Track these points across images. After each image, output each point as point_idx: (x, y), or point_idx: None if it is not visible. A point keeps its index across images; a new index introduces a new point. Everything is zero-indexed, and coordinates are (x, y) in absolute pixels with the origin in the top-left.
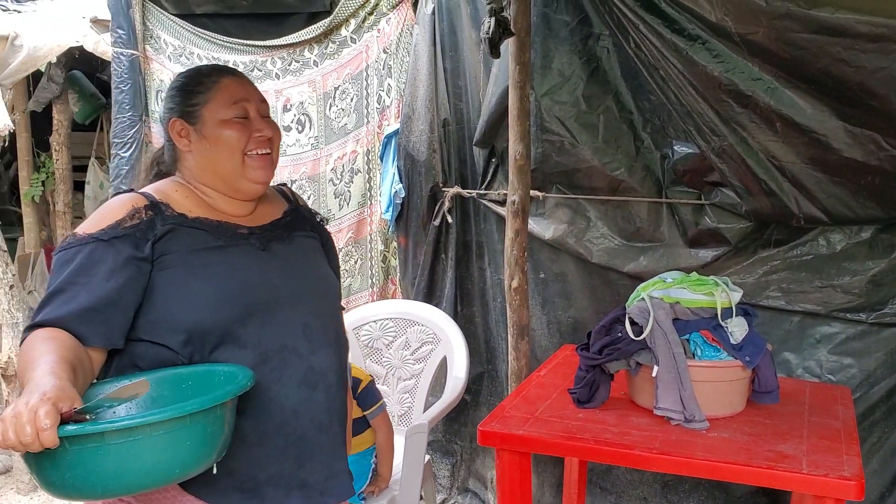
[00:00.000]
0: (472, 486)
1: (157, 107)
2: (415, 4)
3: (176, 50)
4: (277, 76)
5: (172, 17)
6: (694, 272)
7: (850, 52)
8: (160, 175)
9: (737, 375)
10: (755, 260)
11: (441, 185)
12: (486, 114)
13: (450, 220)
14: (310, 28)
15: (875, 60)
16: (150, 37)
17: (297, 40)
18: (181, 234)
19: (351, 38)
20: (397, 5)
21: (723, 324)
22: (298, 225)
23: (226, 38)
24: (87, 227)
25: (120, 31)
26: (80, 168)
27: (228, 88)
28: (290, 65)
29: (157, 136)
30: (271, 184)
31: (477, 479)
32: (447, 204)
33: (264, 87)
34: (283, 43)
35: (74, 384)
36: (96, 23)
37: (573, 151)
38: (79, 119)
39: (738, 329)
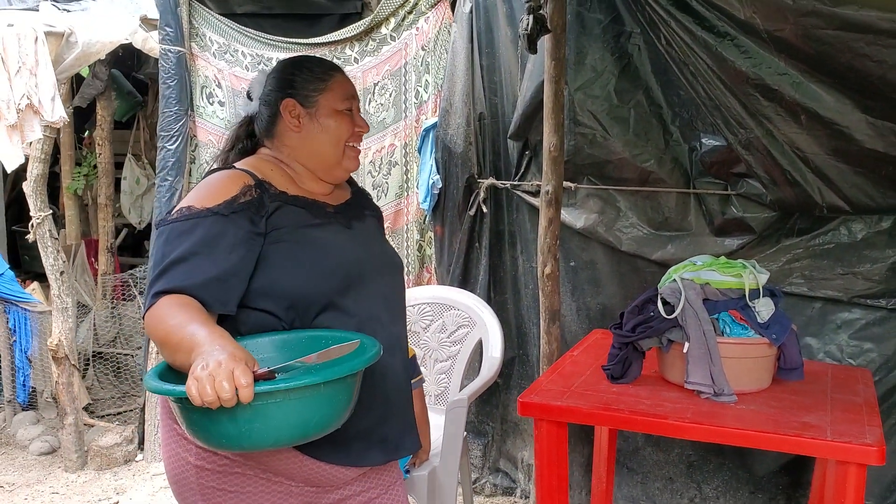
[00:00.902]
0: (503, 466)
1: (202, 102)
2: (453, 3)
3: (220, 47)
4: None
5: (217, 15)
6: (722, 256)
7: (872, 48)
8: (244, 151)
9: (763, 352)
10: (779, 248)
11: (476, 176)
12: (521, 107)
13: (484, 210)
14: (351, 27)
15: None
16: (196, 34)
17: (339, 38)
18: (287, 210)
19: (391, 35)
20: (436, 4)
21: (750, 304)
22: (364, 205)
23: (268, 36)
24: (202, 201)
25: (168, 29)
26: (116, 165)
27: (343, 85)
28: None
29: (202, 130)
30: None
31: (508, 459)
32: (482, 194)
33: None
34: (324, 41)
35: None
36: (145, 21)
37: (604, 144)
38: (116, 117)
39: (764, 309)
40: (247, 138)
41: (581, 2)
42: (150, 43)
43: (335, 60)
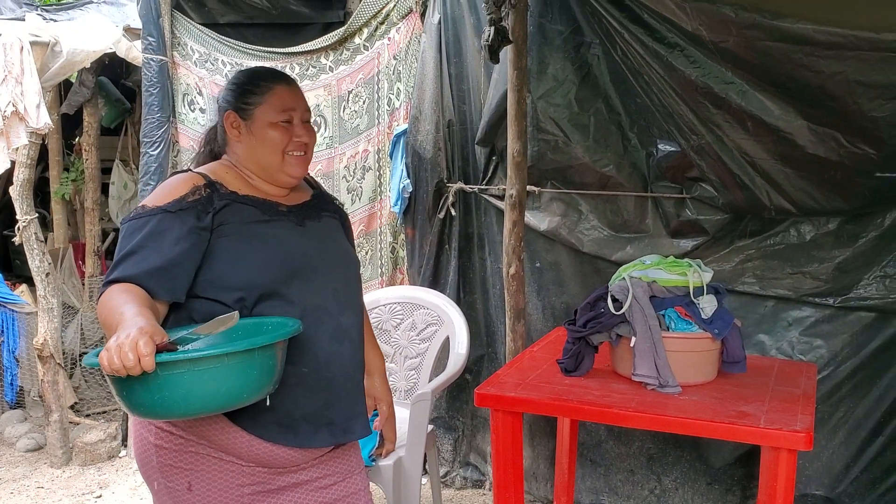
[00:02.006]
0: (472, 459)
1: (184, 109)
2: (422, 15)
3: (201, 56)
4: (295, 80)
5: (199, 26)
6: (671, 255)
7: (810, 59)
8: (213, 153)
9: (707, 346)
10: (732, 249)
11: (445, 180)
12: (487, 115)
13: (453, 213)
14: (326, 37)
15: (832, 66)
16: (178, 44)
17: (314, 48)
18: (235, 208)
19: (364, 45)
20: (406, 16)
21: (695, 301)
22: (323, 206)
23: (247, 46)
24: (154, 201)
25: (150, 39)
26: (104, 170)
27: (280, 96)
28: (307, 70)
29: (184, 136)
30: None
31: (477, 453)
32: (451, 198)
33: None
34: (300, 50)
35: None
36: (128, 31)
37: (566, 150)
38: (104, 123)
39: (708, 305)
40: (213, 144)
41: (542, 13)
42: (133, 52)
43: (311, 69)
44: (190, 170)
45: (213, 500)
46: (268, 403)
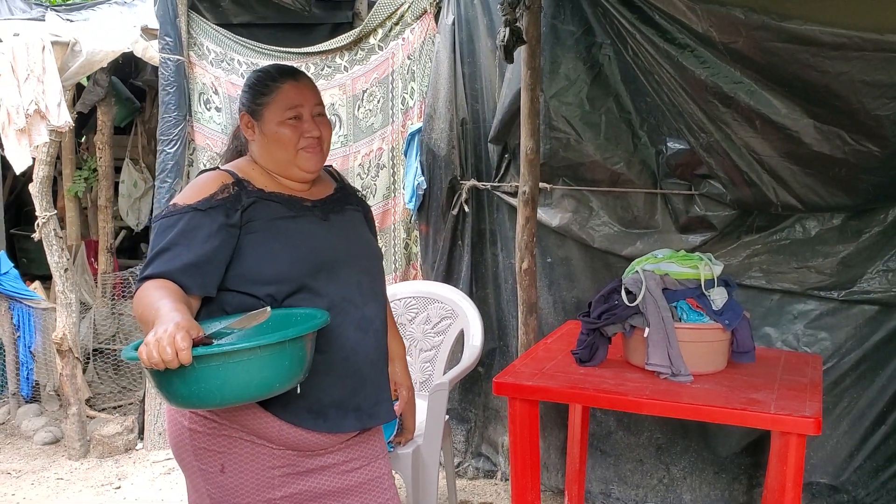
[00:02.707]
0: (484, 450)
1: (200, 107)
2: (436, 16)
3: (217, 56)
4: (305, 74)
5: (214, 26)
6: (682, 249)
7: (816, 59)
8: (238, 150)
9: (717, 337)
10: (739, 244)
11: (459, 178)
12: (500, 114)
13: (467, 209)
14: (341, 37)
15: (838, 66)
16: (194, 44)
17: (329, 48)
18: (262, 205)
19: (378, 45)
20: (420, 16)
21: (706, 293)
22: (347, 200)
23: (262, 46)
24: (185, 199)
25: (167, 39)
26: (115, 169)
27: (287, 94)
28: (322, 70)
29: (199, 134)
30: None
31: (489, 444)
32: (464, 195)
33: None
34: (316, 50)
35: None
36: (146, 31)
37: (578, 147)
38: (115, 122)
39: (718, 297)
40: (238, 141)
41: (555, 15)
42: (150, 52)
43: (326, 69)
44: (218, 168)
45: (244, 481)
46: (298, 391)
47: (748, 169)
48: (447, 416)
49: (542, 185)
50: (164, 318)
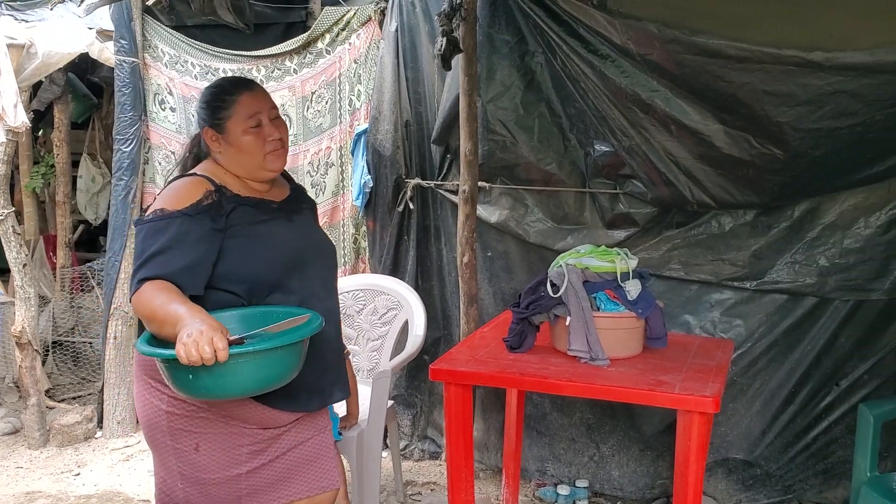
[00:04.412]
0: (430, 434)
1: (155, 108)
2: (381, 23)
3: (171, 58)
4: (262, 82)
5: (168, 29)
6: (603, 245)
7: (723, 70)
8: (197, 157)
9: (632, 324)
10: (660, 239)
11: (404, 176)
12: (441, 117)
13: (411, 206)
14: (290, 41)
15: (742, 77)
16: (149, 46)
17: (279, 51)
18: (241, 210)
19: (326, 49)
20: (366, 23)
21: (622, 285)
22: (301, 200)
23: (215, 48)
24: (172, 205)
25: (122, 42)
26: (72, 164)
27: (245, 104)
28: (272, 72)
29: (154, 134)
30: None
31: (434, 427)
32: (409, 193)
33: None
34: (266, 53)
35: None
36: (101, 33)
37: (513, 149)
38: (72, 118)
39: (633, 289)
40: (198, 149)
41: (491, 25)
42: (105, 53)
43: (276, 71)
44: (195, 174)
45: (217, 458)
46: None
47: (666, 170)
48: (392, 402)
49: (481, 183)
50: (191, 319)
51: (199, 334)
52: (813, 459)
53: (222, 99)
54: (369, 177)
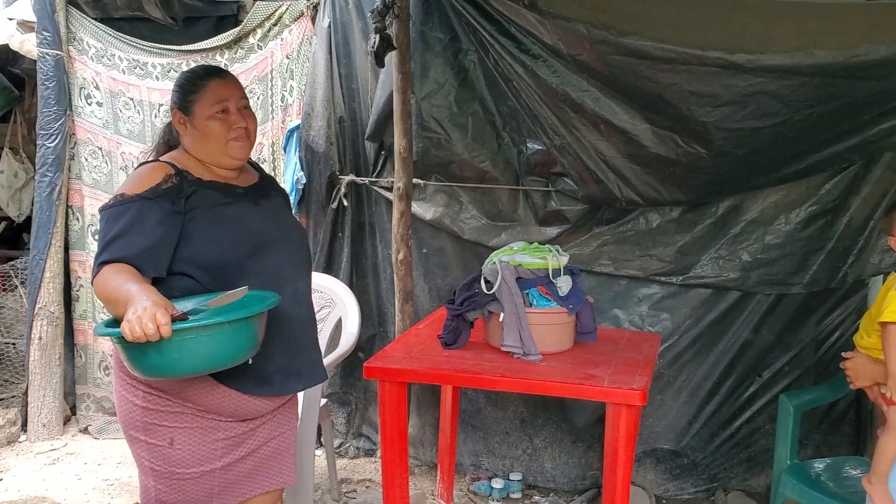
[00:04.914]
0: (365, 431)
1: (81, 102)
2: (313, 18)
3: (98, 51)
4: (230, 72)
5: (94, 22)
6: (536, 242)
7: (650, 71)
8: (168, 145)
9: (563, 320)
10: (591, 235)
11: (338, 173)
12: (375, 113)
13: (345, 203)
14: (221, 36)
15: (668, 78)
16: (74, 38)
17: (210, 46)
18: (202, 193)
19: (258, 45)
20: (298, 18)
21: (553, 281)
22: (270, 187)
23: (143, 42)
24: (132, 189)
25: (45, 34)
26: None
27: (213, 90)
28: None
29: (80, 129)
30: None
31: (369, 425)
32: (343, 189)
33: None
34: (196, 48)
35: None
36: (22, 24)
37: (448, 146)
38: None
39: (564, 285)
40: (169, 137)
41: (424, 22)
42: (27, 45)
43: None
44: (158, 160)
45: (192, 452)
46: (250, 362)
47: (596, 168)
48: (326, 400)
49: (415, 180)
50: (138, 298)
51: (142, 311)
52: (737, 448)
53: (193, 83)
54: (302, 173)
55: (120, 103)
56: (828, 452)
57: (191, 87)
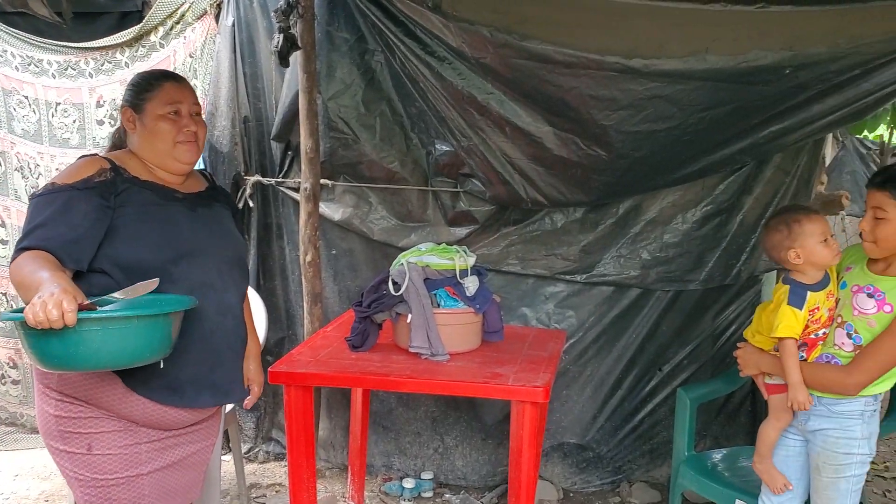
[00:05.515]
0: (274, 435)
1: None
2: (217, 17)
3: None
4: (91, 75)
5: None
6: (444, 243)
7: (552, 75)
8: (117, 144)
9: (470, 320)
10: (499, 235)
11: (243, 174)
12: (281, 113)
13: (251, 204)
14: (122, 33)
15: (569, 82)
16: None
17: (110, 43)
18: (135, 191)
19: (160, 43)
20: (201, 17)
21: (461, 281)
22: (217, 198)
23: (38, 39)
24: (64, 179)
25: None
26: None
27: (168, 91)
28: (102, 65)
29: None
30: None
31: (279, 429)
32: (249, 190)
33: (77, 84)
34: (95, 45)
35: None
36: None
37: (356, 147)
38: None
39: (472, 285)
40: (117, 139)
41: (330, 22)
42: None
43: (107, 64)
44: (97, 154)
45: (113, 457)
46: (161, 366)
47: (502, 169)
48: (233, 405)
49: (323, 181)
50: (47, 283)
51: (48, 296)
52: (640, 441)
53: (149, 82)
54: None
55: (13, 101)
56: (726, 442)
57: (145, 86)
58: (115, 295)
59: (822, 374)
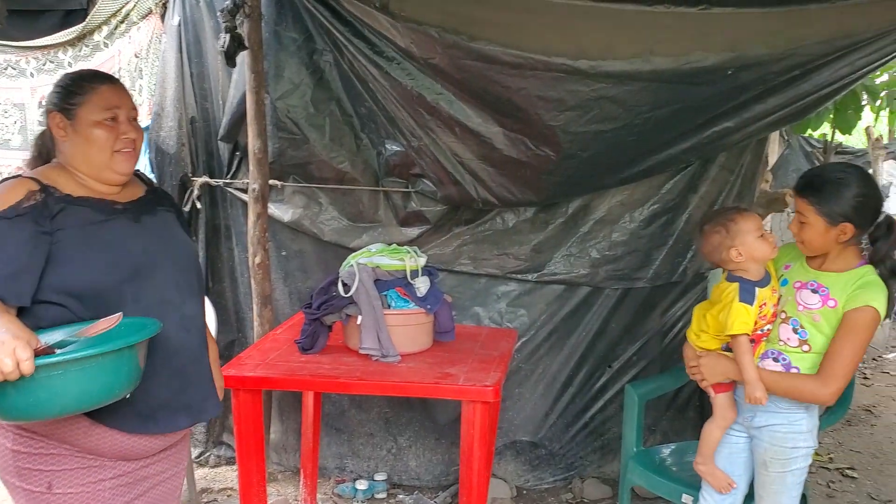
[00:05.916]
0: (226, 439)
1: None
2: (163, 16)
3: None
4: (32, 75)
5: None
6: (394, 243)
7: (500, 76)
8: (43, 156)
9: (421, 320)
10: (451, 235)
11: (190, 175)
12: (229, 114)
13: (199, 206)
14: (63, 32)
15: (517, 83)
16: None
17: (52, 43)
18: (71, 211)
19: (104, 42)
20: (147, 16)
21: (412, 282)
22: (159, 202)
23: None
24: None
25: None
26: None
27: (104, 95)
28: (44, 65)
29: None
30: None
31: (230, 433)
32: (196, 192)
33: (18, 84)
34: (37, 44)
35: None
36: None
37: (305, 147)
38: None
39: (422, 285)
40: (43, 147)
41: (278, 22)
42: None
43: (49, 64)
44: (20, 175)
45: (75, 496)
46: (128, 397)
47: (453, 170)
48: None
49: (272, 182)
50: None
51: None
52: (591, 437)
53: (80, 84)
54: (152, 175)
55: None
56: (675, 437)
57: (76, 89)
58: (77, 334)
59: (793, 386)
